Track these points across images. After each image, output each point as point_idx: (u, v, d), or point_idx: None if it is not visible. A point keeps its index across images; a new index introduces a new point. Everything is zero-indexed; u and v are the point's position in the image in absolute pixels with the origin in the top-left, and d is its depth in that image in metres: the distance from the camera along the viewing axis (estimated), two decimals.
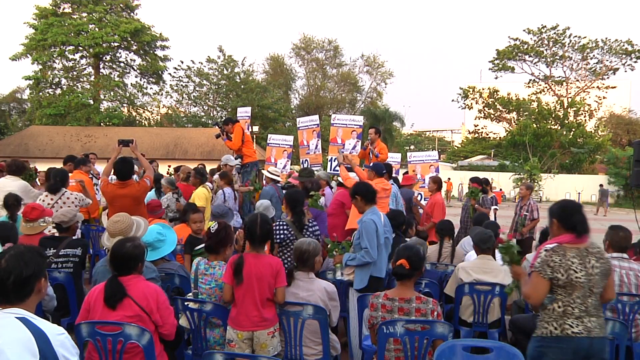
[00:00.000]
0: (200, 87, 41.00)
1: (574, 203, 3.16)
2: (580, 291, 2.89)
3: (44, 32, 33.60)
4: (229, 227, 3.82)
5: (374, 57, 47.61)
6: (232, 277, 3.37)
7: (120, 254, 3.09)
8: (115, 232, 3.81)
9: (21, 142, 30.26)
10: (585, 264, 2.91)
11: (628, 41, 43.47)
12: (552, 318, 2.93)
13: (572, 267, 2.88)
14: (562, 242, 2.96)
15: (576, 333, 2.87)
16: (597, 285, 2.93)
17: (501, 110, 44.90)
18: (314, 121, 10.50)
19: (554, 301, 2.93)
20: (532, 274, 2.99)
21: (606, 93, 44.58)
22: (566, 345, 2.88)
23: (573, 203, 3.16)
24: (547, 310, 2.96)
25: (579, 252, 2.94)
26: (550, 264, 2.90)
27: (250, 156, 8.56)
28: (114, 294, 2.99)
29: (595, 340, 2.89)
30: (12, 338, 1.79)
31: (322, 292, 3.55)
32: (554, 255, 2.91)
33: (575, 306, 2.89)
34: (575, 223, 2.98)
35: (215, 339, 3.57)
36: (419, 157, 10.45)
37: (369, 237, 4.21)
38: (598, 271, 2.93)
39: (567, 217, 3.01)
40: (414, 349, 3.15)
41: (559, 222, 3.04)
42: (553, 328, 2.91)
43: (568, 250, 2.93)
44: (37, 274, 2.03)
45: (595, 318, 2.92)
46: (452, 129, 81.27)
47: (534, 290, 2.94)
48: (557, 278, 2.89)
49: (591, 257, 2.94)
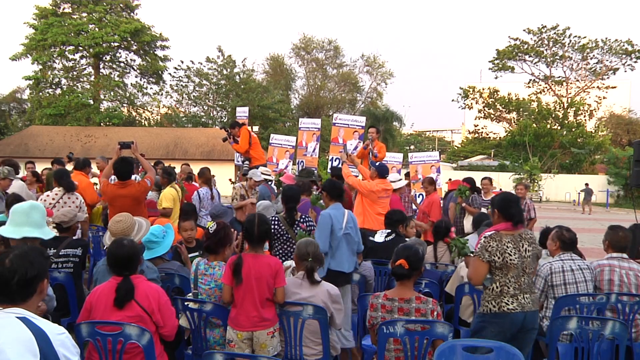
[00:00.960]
0: (200, 87, 41.01)
1: (513, 196, 3.57)
2: (515, 271, 3.31)
3: (44, 32, 33.61)
4: (227, 227, 3.82)
5: (374, 57, 47.69)
6: (231, 278, 3.37)
7: (118, 254, 3.09)
8: (116, 232, 3.82)
9: (21, 142, 30.27)
10: (519, 247, 3.34)
11: (628, 41, 43.50)
12: (491, 297, 3.35)
13: (507, 251, 3.30)
14: (499, 229, 3.39)
15: (511, 309, 3.29)
16: (529, 267, 3.38)
17: (501, 110, 44.90)
18: (315, 124, 10.49)
19: (493, 282, 3.36)
20: (473, 258, 3.44)
21: (606, 93, 44.58)
22: (503, 320, 3.31)
23: (513, 196, 3.57)
24: (487, 290, 3.39)
25: (514, 237, 3.36)
26: (488, 248, 3.32)
27: (259, 158, 8.54)
28: (127, 294, 2.99)
29: (528, 314, 3.34)
30: (13, 337, 1.79)
31: (324, 294, 3.52)
32: (491, 241, 3.33)
33: (510, 285, 3.31)
34: (513, 214, 3.38)
35: (215, 339, 3.57)
36: (420, 157, 10.46)
37: (320, 229, 4.37)
38: (530, 254, 3.37)
39: (507, 209, 3.41)
40: (414, 349, 3.15)
41: (499, 212, 3.44)
42: (492, 306, 3.34)
43: (504, 237, 3.35)
44: (41, 274, 2.04)
45: (528, 295, 3.37)
46: (452, 129, 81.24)
47: (474, 272, 3.39)
48: (494, 261, 3.31)
49: (524, 242, 3.38)
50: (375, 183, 6.33)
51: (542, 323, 4.14)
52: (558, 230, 4.34)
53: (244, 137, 8.38)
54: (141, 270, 3.54)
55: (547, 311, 4.11)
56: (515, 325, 3.31)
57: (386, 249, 4.97)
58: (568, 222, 6.09)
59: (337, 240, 4.35)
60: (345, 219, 4.46)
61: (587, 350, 3.50)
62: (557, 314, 3.86)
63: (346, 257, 4.39)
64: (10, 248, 2.15)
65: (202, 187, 7.36)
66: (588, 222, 19.72)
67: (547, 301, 4.15)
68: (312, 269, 3.55)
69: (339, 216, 4.42)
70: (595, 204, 29.33)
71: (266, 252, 3.73)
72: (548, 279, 4.09)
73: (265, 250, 3.67)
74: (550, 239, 4.39)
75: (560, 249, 4.25)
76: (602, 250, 4.43)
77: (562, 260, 4.15)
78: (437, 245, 5.41)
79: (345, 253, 4.39)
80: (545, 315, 4.13)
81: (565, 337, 3.73)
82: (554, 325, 3.58)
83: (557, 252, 4.27)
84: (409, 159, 10.68)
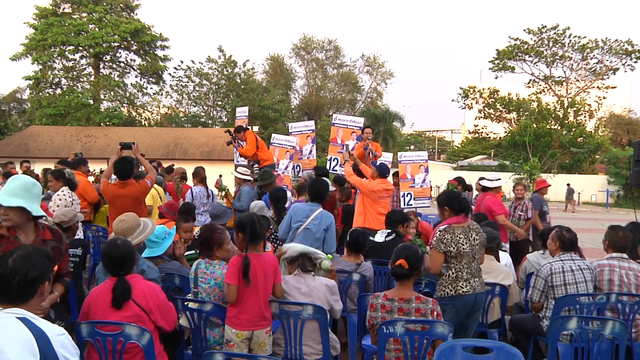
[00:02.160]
0: (200, 87, 41.01)
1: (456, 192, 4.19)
2: (467, 258, 3.75)
3: (44, 32, 33.62)
4: (210, 230, 3.74)
5: (374, 57, 47.71)
6: (238, 279, 3.33)
7: (111, 255, 3.10)
8: (117, 231, 3.82)
9: (21, 142, 30.27)
10: (469, 237, 3.77)
11: (628, 41, 43.51)
12: (448, 282, 3.77)
13: (459, 242, 3.72)
14: (450, 223, 3.80)
15: (465, 292, 3.73)
16: (478, 253, 3.85)
17: (501, 110, 44.90)
18: (308, 127, 10.39)
19: (449, 269, 3.77)
20: (430, 250, 3.85)
21: (606, 93, 44.59)
22: (458, 302, 3.74)
23: (455, 192, 4.17)
24: (444, 277, 3.79)
25: (464, 229, 3.80)
26: (443, 241, 3.73)
27: (268, 159, 8.59)
28: (123, 294, 2.99)
29: (478, 295, 3.81)
30: (13, 338, 1.79)
31: (322, 287, 3.60)
32: (445, 234, 3.75)
33: (464, 271, 3.75)
34: (462, 206, 3.84)
35: (215, 338, 3.57)
36: (409, 157, 10.47)
37: (285, 219, 5.08)
38: (478, 242, 3.83)
39: (455, 203, 3.85)
40: (414, 349, 3.15)
41: (450, 209, 3.87)
42: (449, 290, 3.75)
43: (456, 229, 3.77)
44: (43, 276, 2.03)
45: (478, 279, 3.84)
46: (452, 129, 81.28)
47: (433, 262, 3.79)
48: (449, 251, 3.72)
49: (472, 232, 3.83)
50: (376, 183, 6.34)
51: (542, 323, 4.14)
52: (558, 230, 4.33)
53: (251, 141, 8.44)
54: (142, 270, 3.54)
55: (547, 311, 4.11)
56: (469, 305, 3.75)
57: (386, 249, 4.96)
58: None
59: (293, 232, 4.86)
60: (313, 216, 4.84)
61: (587, 350, 3.50)
62: (557, 314, 3.86)
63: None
64: (15, 248, 2.14)
65: (197, 186, 7.41)
66: (588, 222, 19.73)
67: (547, 301, 4.15)
68: (304, 264, 3.71)
69: (304, 211, 4.87)
70: (595, 204, 29.35)
71: (269, 251, 3.75)
72: (548, 280, 4.09)
73: (268, 250, 3.69)
74: (551, 239, 4.39)
75: (561, 249, 4.25)
76: (602, 250, 4.43)
77: (562, 260, 4.15)
78: None
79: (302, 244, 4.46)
80: (546, 316, 4.13)
81: (565, 337, 3.72)
82: (554, 325, 3.58)
83: (557, 252, 4.26)
84: (399, 158, 10.68)
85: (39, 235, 3.10)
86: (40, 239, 3.08)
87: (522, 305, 4.92)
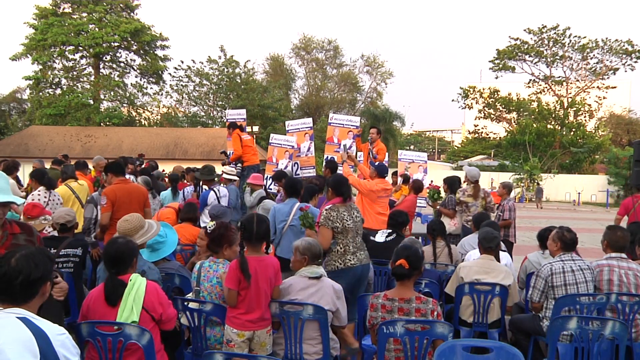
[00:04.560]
0: (200, 87, 40.97)
1: (343, 178, 4.72)
2: (351, 233, 4.24)
3: (44, 32, 33.56)
4: (226, 228, 3.78)
5: (374, 57, 47.65)
6: (237, 282, 3.33)
7: (109, 252, 3.12)
8: (121, 231, 3.83)
9: (21, 142, 30.25)
10: (351, 215, 4.30)
11: (628, 41, 43.48)
12: (337, 257, 4.20)
13: (344, 218, 4.22)
14: (335, 202, 4.29)
15: (353, 264, 4.20)
16: (360, 229, 4.39)
17: (501, 110, 44.90)
18: (306, 124, 10.37)
19: (337, 244, 4.20)
20: (319, 227, 4.23)
21: (606, 93, 44.56)
22: (347, 274, 4.16)
23: (343, 178, 4.72)
24: (333, 252, 4.20)
25: (347, 208, 4.31)
26: (330, 218, 4.19)
27: (248, 160, 8.71)
28: (115, 290, 3.00)
29: (364, 266, 4.31)
30: (13, 338, 1.79)
31: (329, 288, 3.56)
32: (332, 212, 4.22)
33: (350, 245, 4.22)
34: (343, 191, 4.34)
35: (215, 337, 3.57)
36: (409, 156, 10.48)
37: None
38: (359, 219, 4.39)
39: (339, 188, 4.37)
40: (414, 349, 3.15)
41: (333, 190, 4.39)
42: (338, 264, 4.19)
43: (340, 208, 4.27)
44: (44, 277, 2.04)
45: (362, 252, 4.34)
46: (452, 129, 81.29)
47: (322, 238, 4.13)
48: (336, 227, 4.17)
49: (354, 211, 4.37)
50: (374, 182, 6.35)
51: (542, 323, 4.14)
52: (559, 230, 4.32)
53: (235, 143, 8.63)
54: (142, 271, 3.54)
55: (547, 311, 4.11)
56: (356, 276, 4.22)
57: (386, 249, 4.97)
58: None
59: (279, 232, 4.99)
60: (293, 212, 5.00)
61: (587, 350, 3.50)
62: (557, 314, 3.86)
63: (287, 247, 4.68)
64: (17, 248, 2.14)
65: (189, 186, 7.49)
66: (588, 222, 19.73)
67: (547, 301, 4.15)
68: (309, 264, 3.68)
69: (282, 210, 5.04)
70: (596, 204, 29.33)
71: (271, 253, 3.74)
72: (548, 280, 4.09)
73: (270, 252, 3.68)
74: (551, 240, 4.39)
75: (561, 250, 4.24)
76: (602, 250, 4.43)
77: (563, 260, 4.15)
78: (435, 243, 5.42)
79: (290, 242, 4.46)
80: (546, 316, 4.13)
81: (566, 337, 3.73)
82: (554, 325, 3.58)
83: (558, 253, 4.26)
84: (399, 157, 10.67)
85: (6, 229, 2.90)
86: (8, 233, 2.90)
87: (522, 305, 4.92)
